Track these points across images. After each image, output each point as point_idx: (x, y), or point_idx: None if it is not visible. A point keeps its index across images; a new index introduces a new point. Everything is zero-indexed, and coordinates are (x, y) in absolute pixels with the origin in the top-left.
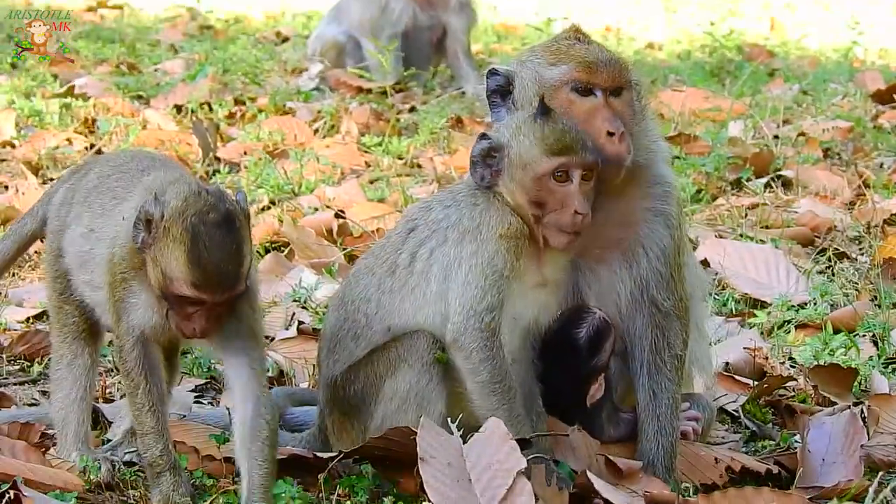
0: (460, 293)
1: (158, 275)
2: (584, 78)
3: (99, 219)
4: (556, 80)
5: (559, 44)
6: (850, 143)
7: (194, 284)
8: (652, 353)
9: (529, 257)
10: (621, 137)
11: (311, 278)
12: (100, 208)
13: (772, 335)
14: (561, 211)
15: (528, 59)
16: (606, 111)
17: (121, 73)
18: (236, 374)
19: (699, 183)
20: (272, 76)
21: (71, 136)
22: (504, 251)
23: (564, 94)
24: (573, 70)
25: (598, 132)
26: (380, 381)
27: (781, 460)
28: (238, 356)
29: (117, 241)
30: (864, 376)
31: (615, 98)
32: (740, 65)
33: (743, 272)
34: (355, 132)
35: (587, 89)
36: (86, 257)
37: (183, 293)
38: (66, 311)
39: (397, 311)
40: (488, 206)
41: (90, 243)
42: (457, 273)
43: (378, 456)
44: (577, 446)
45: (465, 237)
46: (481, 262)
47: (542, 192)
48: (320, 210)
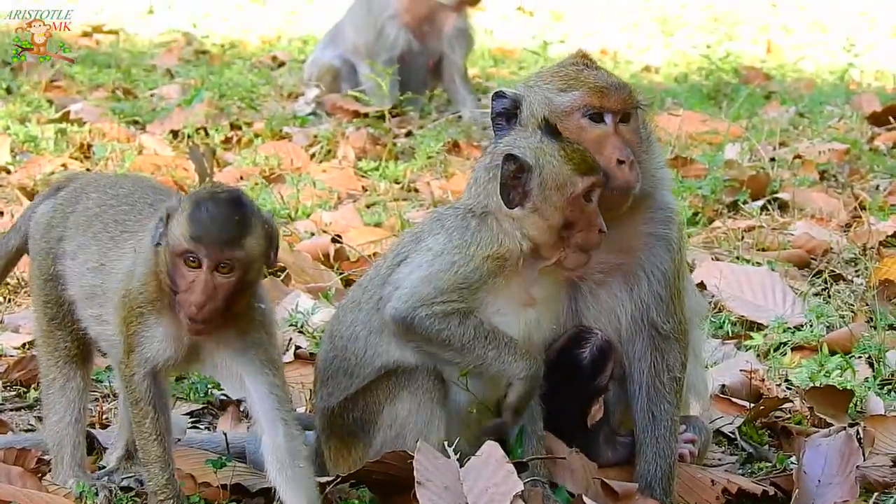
0: (415, 285)
1: (166, 253)
2: (595, 103)
3: (109, 252)
4: (566, 106)
5: (567, 69)
6: (847, 166)
7: (191, 237)
8: (651, 376)
9: (515, 275)
10: (631, 165)
11: (307, 303)
12: (109, 241)
13: (768, 357)
14: (588, 230)
15: (535, 84)
16: (616, 139)
17: (116, 99)
18: (261, 402)
19: (696, 206)
20: (268, 101)
21: (66, 162)
22: (485, 268)
23: (575, 120)
24: (584, 95)
25: (608, 160)
26: (379, 408)
27: (778, 482)
28: (260, 384)
29: (133, 275)
30: (860, 398)
31: (624, 125)
32: (737, 88)
33: (739, 295)
34: (352, 157)
35: (598, 115)
36: (95, 291)
37: (182, 248)
38: (58, 335)
39: (385, 352)
40: (480, 228)
41: (100, 277)
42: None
43: (375, 480)
44: (574, 469)
45: (450, 251)
46: (455, 271)
47: (575, 212)
48: (317, 235)
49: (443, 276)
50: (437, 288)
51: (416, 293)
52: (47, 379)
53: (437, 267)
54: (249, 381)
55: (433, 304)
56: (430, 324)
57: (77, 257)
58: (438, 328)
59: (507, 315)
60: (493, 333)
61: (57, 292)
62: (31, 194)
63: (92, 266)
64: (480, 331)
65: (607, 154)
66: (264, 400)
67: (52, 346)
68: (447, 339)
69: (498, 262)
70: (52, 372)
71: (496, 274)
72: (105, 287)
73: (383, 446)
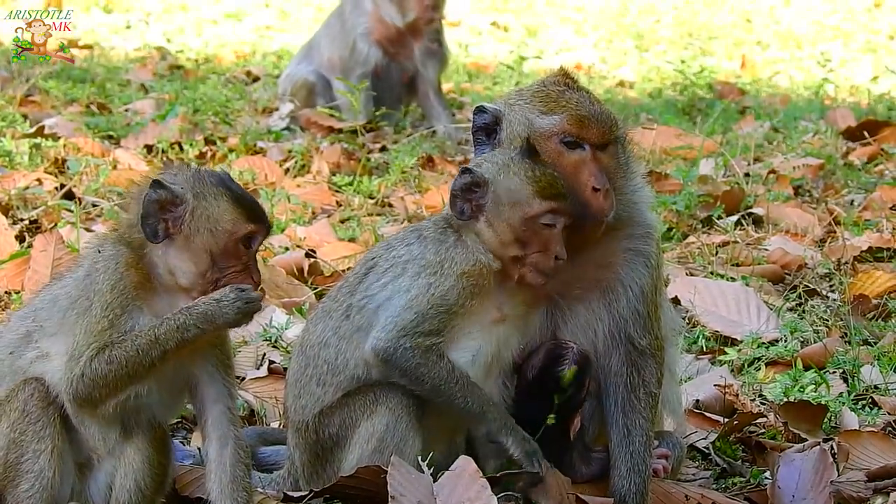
0: (395, 313)
1: (203, 241)
2: (574, 132)
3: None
4: (545, 130)
5: (549, 90)
6: (821, 181)
7: (248, 218)
8: (627, 391)
9: (487, 294)
10: (606, 194)
11: (281, 318)
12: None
13: (742, 372)
14: (543, 254)
15: (517, 103)
16: (593, 166)
17: (91, 114)
18: (212, 415)
19: (670, 221)
20: (242, 116)
21: (41, 177)
22: (461, 288)
23: (553, 144)
24: (564, 122)
25: (583, 186)
26: (356, 423)
27: (752, 497)
28: (213, 397)
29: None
30: (834, 413)
31: (602, 151)
32: (711, 103)
33: (714, 310)
34: (326, 172)
35: (576, 143)
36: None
37: (242, 233)
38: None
39: (355, 360)
40: (456, 244)
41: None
42: (401, 298)
43: (349, 494)
44: (548, 484)
45: (425, 270)
46: (432, 293)
47: (528, 233)
48: (291, 249)
49: (421, 300)
50: (417, 313)
51: (398, 322)
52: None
53: (414, 292)
54: (204, 388)
55: (416, 335)
56: (410, 356)
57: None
58: (417, 362)
59: (480, 334)
60: (466, 382)
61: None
62: (6, 209)
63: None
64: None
65: (583, 181)
66: (217, 410)
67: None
68: (422, 376)
69: (472, 281)
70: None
71: (472, 296)
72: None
73: (359, 461)
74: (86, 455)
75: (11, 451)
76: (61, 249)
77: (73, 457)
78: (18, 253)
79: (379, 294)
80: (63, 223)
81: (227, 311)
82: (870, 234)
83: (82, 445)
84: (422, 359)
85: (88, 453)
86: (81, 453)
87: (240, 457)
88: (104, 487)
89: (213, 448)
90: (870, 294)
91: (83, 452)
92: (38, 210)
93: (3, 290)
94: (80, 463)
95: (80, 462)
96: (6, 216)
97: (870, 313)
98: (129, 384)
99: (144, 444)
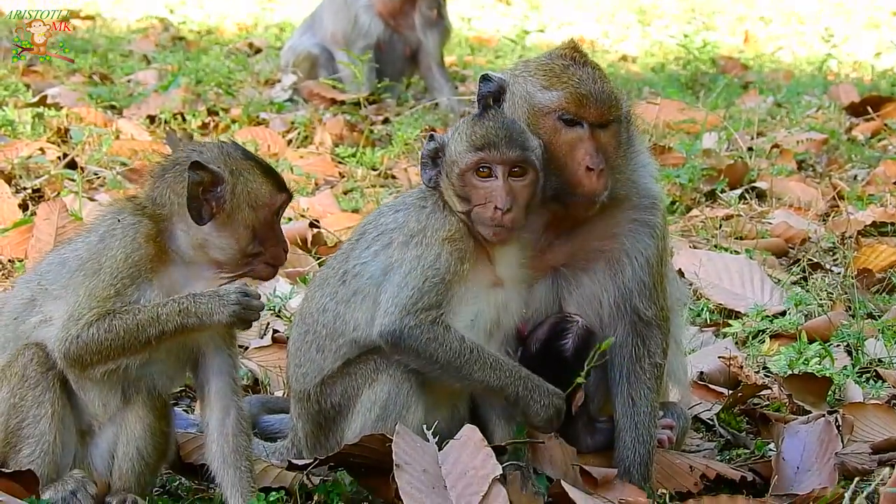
0: (395, 293)
1: (245, 217)
2: (572, 110)
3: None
4: (544, 106)
5: (554, 63)
6: (824, 155)
7: (281, 188)
8: (632, 362)
9: (478, 259)
10: (600, 174)
11: (285, 287)
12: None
13: (746, 345)
14: (484, 206)
15: (521, 74)
16: (590, 144)
17: (93, 84)
18: (216, 385)
19: (673, 194)
20: (245, 87)
21: (44, 146)
22: (447, 254)
23: (551, 120)
24: (563, 99)
25: (577, 165)
26: (358, 391)
27: (756, 468)
28: (217, 367)
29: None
30: (839, 385)
31: (602, 129)
32: (714, 78)
33: (718, 283)
34: (329, 143)
35: (574, 121)
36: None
37: (278, 203)
38: None
39: (353, 322)
40: (434, 210)
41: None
42: (395, 274)
43: (354, 463)
44: (553, 455)
45: (411, 241)
46: (423, 265)
47: (467, 188)
48: (294, 220)
49: (415, 274)
50: (414, 288)
51: (397, 303)
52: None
53: (406, 268)
54: (209, 358)
55: (418, 312)
56: (418, 334)
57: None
58: (427, 338)
59: (478, 299)
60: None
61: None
62: (9, 178)
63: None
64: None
65: (577, 160)
66: (220, 381)
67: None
68: (435, 353)
69: (456, 246)
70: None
71: (461, 260)
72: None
73: (362, 430)
74: (87, 422)
75: (12, 416)
76: (64, 218)
77: (75, 423)
78: (22, 221)
79: (371, 263)
80: (66, 192)
81: (223, 310)
82: (874, 209)
83: (83, 412)
84: (430, 334)
85: (89, 420)
86: (83, 420)
87: (242, 427)
88: (106, 455)
89: (215, 418)
90: (874, 268)
91: (84, 419)
92: (41, 179)
93: (6, 258)
94: (82, 430)
95: (81, 429)
96: (9, 185)
97: (874, 287)
98: (121, 356)
99: (145, 411)
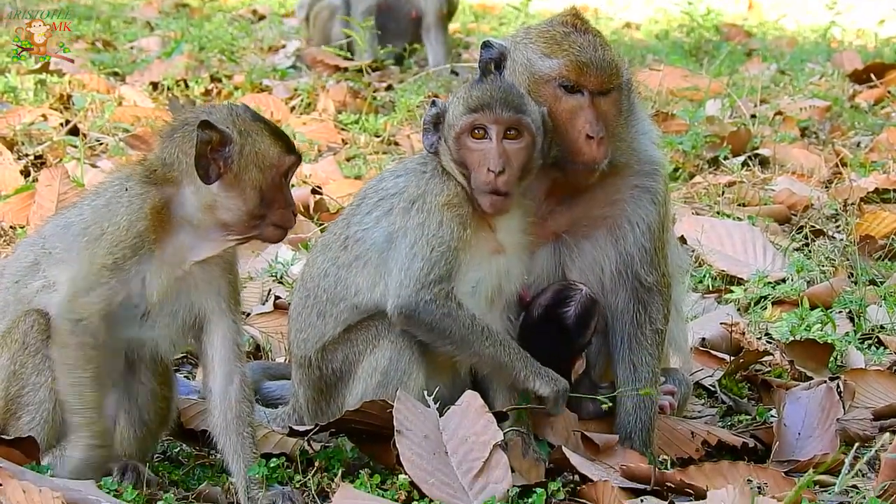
0: (406, 265)
1: (252, 178)
2: (572, 77)
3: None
4: (544, 74)
5: (555, 30)
6: (828, 123)
7: (289, 150)
8: (633, 328)
9: (479, 225)
10: (600, 142)
11: (287, 254)
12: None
13: (748, 311)
14: (478, 170)
15: (522, 41)
16: (590, 112)
17: (96, 50)
18: (220, 351)
19: (676, 161)
20: (248, 54)
21: (46, 112)
22: (449, 221)
23: (551, 88)
24: (563, 67)
25: (577, 133)
26: (359, 357)
27: (757, 434)
28: (221, 333)
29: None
30: (840, 351)
31: (603, 97)
32: (718, 45)
33: (720, 249)
34: (332, 110)
35: (574, 88)
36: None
37: (286, 165)
38: None
39: (354, 286)
40: (433, 175)
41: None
42: (401, 243)
43: (355, 429)
44: (554, 421)
45: (412, 206)
46: (427, 234)
47: (462, 151)
48: (297, 186)
49: (421, 245)
50: (424, 259)
51: (410, 276)
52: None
53: (410, 237)
54: (213, 324)
55: (431, 285)
56: (434, 308)
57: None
58: (442, 313)
59: (480, 266)
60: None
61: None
62: (11, 144)
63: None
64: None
65: (577, 128)
66: (224, 347)
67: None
68: (448, 327)
69: (456, 211)
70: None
71: (462, 226)
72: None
73: (363, 396)
74: None
75: (12, 383)
76: (66, 184)
77: None
78: (24, 187)
79: (374, 229)
80: (68, 158)
81: None
82: (876, 175)
83: None
84: (445, 308)
85: None
86: None
87: (245, 393)
88: (108, 421)
89: (218, 384)
90: (876, 235)
91: None
92: (44, 145)
93: (8, 224)
94: None
95: None
96: (11, 151)
97: (876, 253)
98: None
99: (148, 377)
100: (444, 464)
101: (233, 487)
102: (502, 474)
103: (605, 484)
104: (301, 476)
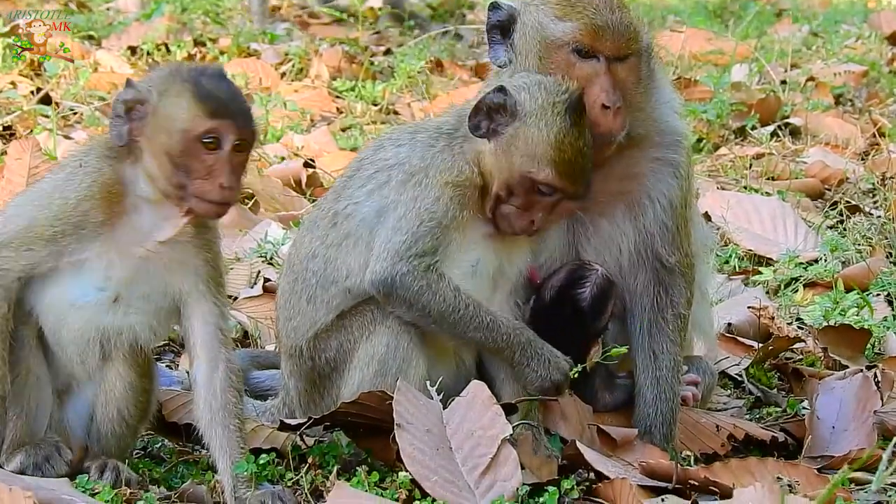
0: (387, 237)
1: (160, 142)
2: (588, 42)
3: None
4: (558, 38)
5: None
6: (864, 89)
7: (210, 114)
8: (653, 312)
9: (478, 207)
10: (616, 112)
11: (277, 232)
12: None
13: (778, 294)
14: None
15: (533, 2)
16: (606, 80)
17: (70, 12)
18: (202, 336)
19: (700, 131)
20: (234, 16)
21: (15, 80)
22: (447, 199)
23: (565, 53)
24: (577, 31)
25: (592, 104)
26: (354, 345)
27: (788, 428)
28: (203, 317)
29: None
30: (878, 338)
31: (620, 63)
32: (745, 4)
33: (747, 227)
34: (326, 76)
35: (589, 53)
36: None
37: (199, 130)
38: None
39: (346, 268)
40: (444, 150)
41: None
42: (389, 217)
43: (351, 423)
44: (568, 414)
45: (410, 179)
46: (418, 207)
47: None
48: (288, 159)
49: (410, 217)
50: (408, 232)
51: (390, 248)
52: None
53: (401, 210)
54: (193, 307)
55: (411, 258)
56: (411, 281)
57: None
58: (420, 286)
59: (476, 245)
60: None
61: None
62: None
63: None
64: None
65: (592, 97)
66: (205, 331)
67: None
68: (428, 303)
69: (459, 192)
70: None
71: (460, 206)
72: None
73: (360, 387)
74: (64, 381)
75: None
76: (38, 157)
77: (51, 383)
78: None
79: (365, 204)
80: (39, 129)
81: None
82: None
83: (61, 370)
84: (424, 281)
85: (67, 379)
86: (59, 379)
87: (231, 381)
88: (85, 415)
89: (202, 372)
90: None
91: (61, 378)
92: (13, 115)
93: None
94: (59, 390)
95: (58, 389)
96: None
97: None
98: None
99: (126, 368)
100: (447, 460)
101: (219, 486)
102: (511, 471)
103: (623, 482)
104: (293, 473)
